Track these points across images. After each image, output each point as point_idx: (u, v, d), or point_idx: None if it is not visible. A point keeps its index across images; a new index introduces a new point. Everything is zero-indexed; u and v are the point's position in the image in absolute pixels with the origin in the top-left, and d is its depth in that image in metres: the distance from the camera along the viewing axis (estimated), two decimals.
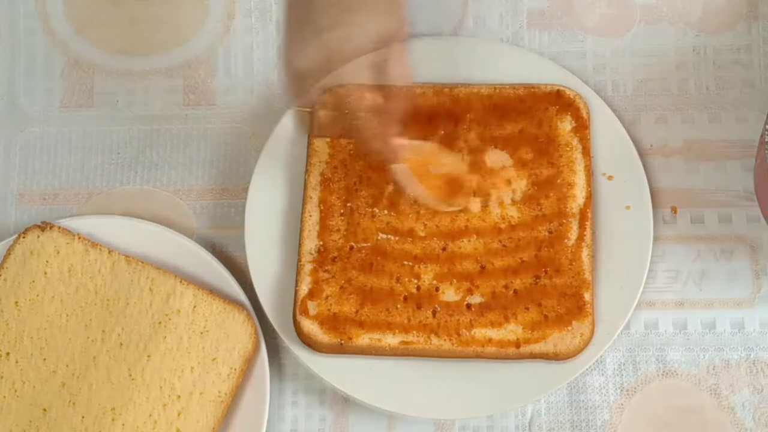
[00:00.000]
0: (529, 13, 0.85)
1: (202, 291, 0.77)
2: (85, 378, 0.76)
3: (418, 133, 0.79)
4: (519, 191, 0.78)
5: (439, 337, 0.75)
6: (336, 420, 0.79)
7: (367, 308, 0.76)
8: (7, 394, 0.76)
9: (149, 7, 0.86)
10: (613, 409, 0.78)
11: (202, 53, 0.86)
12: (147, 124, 0.85)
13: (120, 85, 0.85)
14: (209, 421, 0.75)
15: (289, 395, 0.79)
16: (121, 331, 0.77)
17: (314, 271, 0.77)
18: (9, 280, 0.78)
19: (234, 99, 0.85)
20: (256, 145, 0.84)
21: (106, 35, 0.86)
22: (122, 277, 0.78)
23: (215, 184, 0.83)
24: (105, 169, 0.84)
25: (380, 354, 0.76)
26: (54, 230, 0.79)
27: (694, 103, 0.84)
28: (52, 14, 0.87)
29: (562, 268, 0.76)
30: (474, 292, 0.76)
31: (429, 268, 0.77)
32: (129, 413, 0.75)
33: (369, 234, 0.78)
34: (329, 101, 0.80)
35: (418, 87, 0.80)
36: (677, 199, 0.82)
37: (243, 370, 0.76)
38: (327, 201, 0.78)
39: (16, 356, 0.76)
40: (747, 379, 0.78)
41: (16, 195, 0.84)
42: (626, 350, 0.79)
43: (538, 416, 0.78)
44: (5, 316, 0.77)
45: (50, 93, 0.85)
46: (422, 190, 0.76)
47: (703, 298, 0.79)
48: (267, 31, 0.86)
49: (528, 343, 0.75)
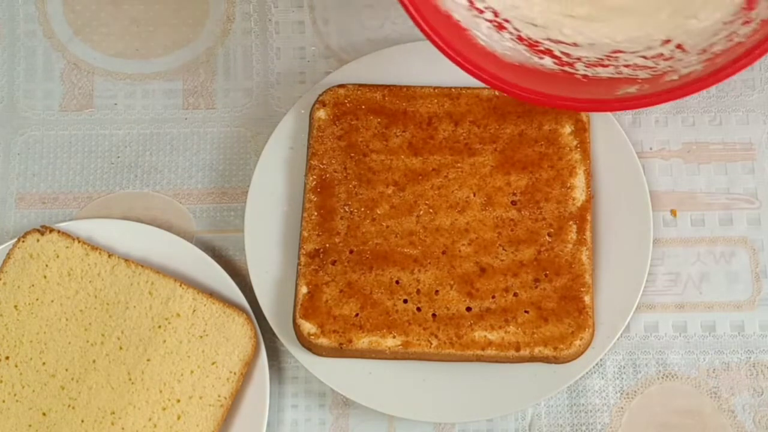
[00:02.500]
0: None
1: (201, 294, 0.77)
2: (85, 381, 0.76)
3: (418, 135, 0.79)
4: (519, 194, 0.78)
5: (438, 340, 0.75)
6: (336, 423, 0.79)
7: (366, 311, 0.76)
8: (6, 398, 0.76)
9: (149, 10, 0.86)
10: (613, 412, 0.78)
11: (201, 56, 0.86)
12: (147, 127, 0.85)
13: (120, 88, 0.85)
14: (209, 424, 0.75)
15: (289, 398, 0.79)
16: (121, 334, 0.77)
17: (314, 273, 0.77)
18: (8, 283, 0.78)
19: (234, 102, 0.85)
20: (255, 148, 0.84)
21: (106, 38, 0.86)
22: (122, 281, 0.78)
23: (215, 187, 0.83)
24: (105, 172, 0.84)
25: (380, 357, 0.76)
26: (53, 234, 0.79)
27: (694, 105, 0.83)
28: (52, 17, 0.86)
29: (562, 271, 0.76)
30: (474, 295, 0.76)
31: (429, 270, 0.77)
32: (128, 416, 0.75)
33: (369, 237, 0.78)
34: (329, 101, 0.80)
35: (418, 89, 0.80)
36: (677, 202, 0.81)
37: (243, 373, 0.76)
38: (327, 204, 0.78)
39: (15, 360, 0.76)
40: (747, 382, 0.78)
41: (16, 198, 0.83)
42: (626, 353, 0.79)
43: (538, 419, 0.78)
44: (5, 319, 0.77)
45: (50, 96, 0.85)
46: None
47: (703, 300, 0.79)
48: (266, 33, 0.86)
49: (528, 346, 0.75)
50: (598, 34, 0.72)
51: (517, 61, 0.69)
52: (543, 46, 0.71)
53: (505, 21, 0.71)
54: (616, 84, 0.68)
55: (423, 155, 0.79)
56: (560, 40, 0.71)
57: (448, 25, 0.68)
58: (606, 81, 0.68)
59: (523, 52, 0.70)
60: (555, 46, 0.71)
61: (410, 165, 0.79)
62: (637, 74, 0.68)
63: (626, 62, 0.69)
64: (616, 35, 0.72)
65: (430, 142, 0.79)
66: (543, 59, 0.69)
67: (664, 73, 0.67)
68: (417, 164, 0.79)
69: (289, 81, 0.85)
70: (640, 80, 0.67)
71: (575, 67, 0.69)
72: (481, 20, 0.70)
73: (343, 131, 0.80)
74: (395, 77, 0.81)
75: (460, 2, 0.70)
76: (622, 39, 0.71)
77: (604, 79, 0.68)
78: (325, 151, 0.79)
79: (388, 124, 0.80)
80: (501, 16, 0.71)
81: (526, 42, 0.70)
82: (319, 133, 0.79)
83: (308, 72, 0.85)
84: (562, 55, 0.70)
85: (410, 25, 0.85)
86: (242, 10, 0.86)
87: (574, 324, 0.75)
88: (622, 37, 0.71)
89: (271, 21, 0.86)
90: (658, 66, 0.68)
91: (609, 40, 0.71)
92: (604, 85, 0.68)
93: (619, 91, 0.66)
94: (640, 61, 0.69)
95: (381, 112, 0.80)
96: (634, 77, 0.68)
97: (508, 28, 0.71)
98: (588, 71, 0.69)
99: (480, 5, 0.71)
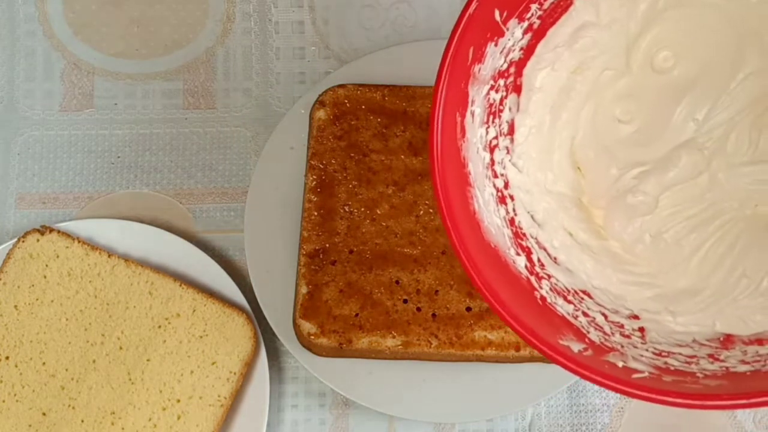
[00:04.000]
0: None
1: (201, 294, 0.77)
2: (85, 381, 0.76)
3: (418, 135, 0.79)
4: None
5: (438, 340, 0.75)
6: (336, 423, 0.79)
7: (366, 311, 0.76)
8: (6, 398, 0.76)
9: (149, 10, 0.86)
10: (613, 411, 0.78)
11: (201, 56, 0.86)
12: (147, 127, 0.85)
13: (120, 88, 0.85)
14: (209, 424, 0.75)
15: (289, 398, 0.79)
16: (121, 334, 0.77)
17: (314, 273, 0.77)
18: (8, 283, 0.78)
19: (234, 102, 0.85)
20: (255, 147, 0.84)
21: (106, 38, 0.86)
22: (122, 281, 0.78)
23: (215, 187, 0.83)
24: (105, 172, 0.84)
25: (380, 357, 0.76)
26: (53, 234, 0.79)
27: None
28: (52, 17, 0.86)
29: None
30: (474, 295, 0.76)
31: (429, 270, 0.77)
32: (129, 416, 0.75)
33: (369, 237, 0.78)
34: (329, 101, 0.80)
35: (418, 89, 0.80)
36: None
37: (243, 373, 0.76)
38: (327, 204, 0.78)
39: (15, 360, 0.76)
40: None
41: (16, 198, 0.84)
42: None
43: (538, 419, 0.78)
44: (5, 319, 0.77)
45: (50, 96, 0.85)
46: None
47: None
48: (266, 33, 0.86)
49: (528, 346, 0.75)
50: (581, 264, 0.65)
51: (494, 243, 0.62)
52: (526, 243, 0.65)
53: (509, 197, 0.66)
54: (566, 327, 0.61)
55: (423, 155, 0.79)
56: (545, 247, 0.65)
57: (461, 174, 0.61)
58: (558, 318, 0.61)
59: (506, 237, 0.64)
60: (537, 249, 0.65)
61: (410, 165, 0.79)
62: (589, 332, 0.61)
63: (587, 309, 0.63)
64: (596, 278, 0.65)
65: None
66: (519, 256, 0.63)
67: (612, 350, 0.60)
68: (417, 164, 0.79)
69: (289, 81, 0.85)
70: (588, 340, 0.60)
71: (541, 284, 0.63)
72: (489, 184, 0.64)
73: (343, 131, 0.80)
74: (395, 77, 0.81)
75: (482, 155, 0.64)
76: (597, 284, 0.65)
77: (558, 314, 0.61)
78: (325, 151, 0.79)
79: (388, 124, 0.80)
80: (509, 189, 0.66)
81: (514, 228, 0.65)
82: (319, 133, 0.80)
83: (308, 72, 0.85)
84: (537, 263, 0.64)
85: (410, 25, 0.85)
86: (242, 10, 0.86)
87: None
88: (598, 283, 0.65)
89: (271, 21, 0.86)
90: (613, 338, 0.61)
91: (586, 277, 0.65)
92: (554, 321, 0.61)
93: (563, 339, 0.59)
94: (599, 318, 0.62)
95: (381, 112, 0.80)
96: (585, 332, 0.61)
97: (508, 205, 0.65)
98: (549, 295, 0.62)
99: (498, 168, 0.65)
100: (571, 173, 0.68)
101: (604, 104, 0.68)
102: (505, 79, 0.65)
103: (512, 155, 0.66)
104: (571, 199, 0.68)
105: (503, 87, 0.65)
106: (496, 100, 0.65)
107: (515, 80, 0.66)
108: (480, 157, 0.64)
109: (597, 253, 0.66)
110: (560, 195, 0.68)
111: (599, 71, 0.67)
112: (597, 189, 0.68)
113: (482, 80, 0.62)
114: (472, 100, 0.62)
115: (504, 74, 0.65)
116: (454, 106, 0.60)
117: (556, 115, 0.68)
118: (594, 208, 0.68)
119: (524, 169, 0.67)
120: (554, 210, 0.67)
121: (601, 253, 0.66)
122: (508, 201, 0.66)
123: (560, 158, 0.68)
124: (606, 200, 0.67)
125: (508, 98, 0.66)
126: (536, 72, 0.66)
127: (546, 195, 0.67)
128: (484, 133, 0.64)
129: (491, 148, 0.65)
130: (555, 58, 0.66)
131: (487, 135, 0.64)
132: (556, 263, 0.65)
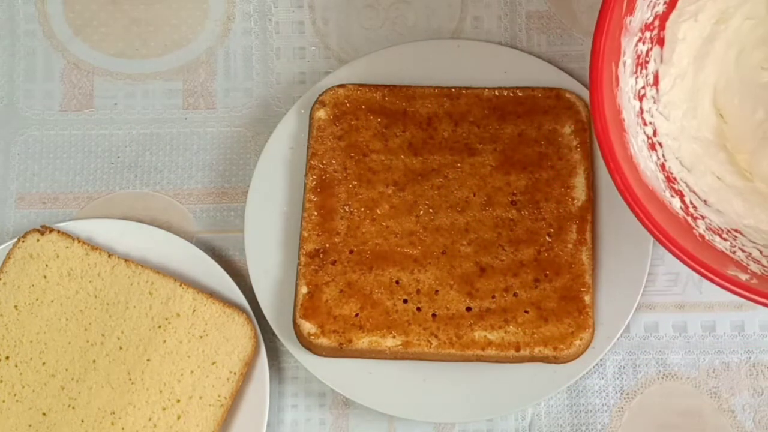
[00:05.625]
0: (527, 15, 0.85)
1: (201, 294, 0.77)
2: (85, 381, 0.76)
3: (418, 135, 0.79)
4: (519, 194, 0.78)
5: (438, 340, 0.75)
6: (336, 423, 0.79)
7: (366, 311, 0.76)
8: (6, 398, 0.76)
9: (149, 10, 0.86)
10: (613, 412, 0.78)
11: (201, 56, 0.86)
12: (147, 127, 0.85)
13: (119, 88, 0.85)
14: (209, 424, 0.75)
15: (289, 398, 0.79)
16: (121, 334, 0.77)
17: (314, 273, 0.77)
18: (8, 283, 0.78)
19: (234, 102, 0.85)
20: (255, 148, 0.84)
21: (105, 38, 0.86)
22: (122, 281, 0.78)
23: (215, 187, 0.83)
24: (104, 172, 0.84)
25: (380, 357, 0.76)
26: (53, 234, 0.79)
27: None
28: (52, 17, 0.86)
29: (562, 271, 0.76)
30: (474, 295, 0.76)
31: (429, 270, 0.77)
32: (129, 416, 0.75)
33: (369, 237, 0.78)
34: (329, 101, 0.80)
35: (418, 89, 0.80)
36: None
37: (243, 373, 0.76)
38: (327, 204, 0.78)
39: (15, 360, 0.76)
40: (747, 382, 0.78)
41: (16, 198, 0.83)
42: (626, 353, 0.79)
43: (538, 419, 0.78)
44: (4, 319, 0.77)
45: (50, 96, 0.85)
46: None
47: (703, 300, 0.79)
48: (266, 33, 0.86)
49: (528, 346, 0.75)
50: (730, 205, 0.71)
51: (651, 186, 0.67)
52: (678, 187, 0.70)
53: (658, 144, 0.71)
54: (728, 261, 0.66)
55: (423, 155, 0.79)
56: (694, 191, 0.71)
57: (617, 120, 0.66)
58: (719, 253, 0.66)
59: (660, 181, 0.69)
60: (688, 192, 0.70)
61: (410, 165, 0.79)
62: (749, 264, 0.66)
63: (743, 246, 0.68)
64: (746, 217, 0.71)
65: (430, 142, 0.79)
66: (674, 198, 0.68)
67: None
68: (417, 164, 0.79)
69: (289, 81, 0.85)
70: (750, 271, 0.66)
71: (697, 223, 0.68)
72: (640, 131, 0.69)
73: (343, 131, 0.80)
74: (395, 77, 0.81)
75: (633, 104, 0.69)
76: (748, 223, 0.70)
77: (718, 250, 0.67)
78: (325, 151, 0.79)
79: (388, 124, 0.80)
80: (657, 137, 0.71)
81: (666, 173, 0.70)
82: (319, 133, 0.79)
83: (308, 72, 0.85)
84: (690, 205, 0.69)
85: (410, 25, 0.85)
86: (242, 10, 0.86)
87: (574, 324, 0.75)
88: (749, 222, 0.70)
89: (271, 21, 0.86)
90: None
91: (736, 216, 0.71)
92: (716, 256, 0.66)
93: (728, 270, 0.64)
94: (755, 253, 0.68)
95: (381, 112, 0.80)
96: (746, 265, 0.66)
97: (658, 152, 0.70)
98: (706, 234, 0.68)
99: (647, 117, 0.71)
100: (714, 120, 0.73)
101: (747, 51, 0.73)
102: (650, 32, 0.70)
103: (659, 104, 0.71)
104: (717, 144, 0.73)
105: (649, 39, 0.70)
106: (642, 51, 0.70)
107: (659, 33, 0.71)
108: (631, 105, 0.69)
109: (745, 194, 0.72)
110: (706, 141, 0.72)
111: (740, 20, 0.73)
112: (741, 133, 0.73)
113: (632, 32, 0.68)
114: (623, 51, 0.67)
115: (650, 27, 0.70)
116: (611, 56, 0.65)
117: (699, 64, 0.73)
118: (737, 153, 0.73)
119: (670, 117, 0.72)
120: (701, 155, 0.72)
121: (749, 194, 0.72)
122: (657, 148, 0.70)
123: (704, 106, 0.73)
124: (752, 143, 0.72)
125: (653, 50, 0.71)
126: (679, 24, 0.71)
127: (692, 141, 0.72)
128: (633, 82, 0.69)
129: (640, 98, 0.70)
130: (697, 9, 0.72)
131: (636, 84, 0.70)
132: (707, 205, 0.70)
